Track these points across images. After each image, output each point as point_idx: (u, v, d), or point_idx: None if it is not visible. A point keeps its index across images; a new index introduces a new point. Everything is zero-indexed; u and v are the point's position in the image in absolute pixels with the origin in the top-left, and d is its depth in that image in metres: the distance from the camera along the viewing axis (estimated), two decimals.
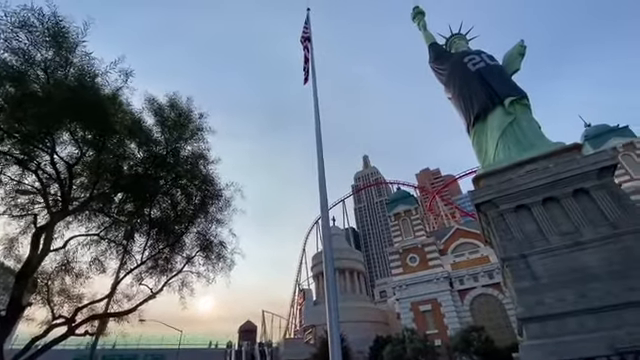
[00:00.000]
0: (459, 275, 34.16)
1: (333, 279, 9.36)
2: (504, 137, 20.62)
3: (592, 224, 15.54)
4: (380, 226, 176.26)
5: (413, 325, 32.46)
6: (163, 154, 13.09)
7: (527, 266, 15.98)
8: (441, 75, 26.24)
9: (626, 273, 13.75)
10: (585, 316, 13.43)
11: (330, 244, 9.21)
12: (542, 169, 17.84)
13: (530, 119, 20.88)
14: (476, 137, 22.33)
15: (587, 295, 13.87)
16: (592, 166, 16.59)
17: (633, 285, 13.29)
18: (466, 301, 33.03)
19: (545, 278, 15.26)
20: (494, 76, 22.18)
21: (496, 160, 20.54)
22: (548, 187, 17.03)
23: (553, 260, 15.57)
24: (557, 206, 16.78)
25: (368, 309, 46.87)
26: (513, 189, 17.80)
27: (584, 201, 16.28)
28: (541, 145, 19.42)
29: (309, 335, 45.06)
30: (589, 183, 16.32)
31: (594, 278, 14.21)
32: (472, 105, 22.33)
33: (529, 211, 17.25)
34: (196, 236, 14.33)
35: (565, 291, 14.40)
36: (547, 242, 16.06)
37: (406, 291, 35.62)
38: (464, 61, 24.07)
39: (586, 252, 15.07)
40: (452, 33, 27.74)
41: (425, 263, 36.20)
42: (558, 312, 13.93)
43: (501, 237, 17.55)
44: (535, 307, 14.60)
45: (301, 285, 76.20)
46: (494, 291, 31.99)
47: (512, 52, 23.51)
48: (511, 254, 16.57)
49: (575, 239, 15.51)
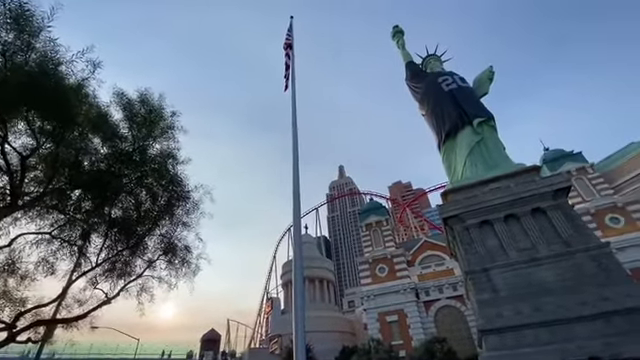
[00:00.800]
0: (425, 286, 35.02)
1: (302, 288, 9.22)
2: (472, 155, 21.70)
3: (547, 241, 16.58)
4: (352, 236, 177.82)
5: (379, 335, 32.69)
6: (129, 151, 12.40)
7: (488, 279, 16.70)
8: (416, 93, 27.27)
9: (578, 288, 14.73)
10: (540, 329, 14.16)
11: (301, 252, 9.09)
12: (504, 188, 18.88)
13: (496, 140, 22.13)
14: (446, 154, 23.30)
15: (542, 309, 14.66)
16: (548, 187, 17.80)
17: (584, 300, 14.24)
18: (431, 312, 33.85)
19: (504, 291, 16.00)
20: (465, 97, 23.38)
21: (464, 177, 21.52)
22: (509, 205, 18.03)
23: (512, 274, 16.39)
24: (517, 223, 17.77)
25: (336, 319, 46.69)
26: (478, 205, 18.67)
27: (541, 220, 17.38)
28: (504, 165, 20.62)
29: (275, 345, 44.03)
30: (545, 203, 17.47)
31: (548, 292, 15.09)
32: (444, 123, 23.35)
33: (492, 227, 18.13)
34: (160, 239, 13.55)
35: (522, 304, 15.15)
36: (507, 257, 16.92)
37: (374, 301, 35.92)
38: (438, 81, 25.20)
39: (542, 268, 16.01)
40: (428, 53, 29.01)
41: (393, 274, 36.81)
42: (515, 324, 14.58)
43: (465, 250, 18.26)
44: (494, 319, 15.21)
45: (270, 293, 74.66)
46: (457, 303, 33.07)
47: (482, 76, 24.95)
48: (474, 267, 17.25)
49: (532, 255, 16.46)
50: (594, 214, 31.03)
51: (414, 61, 29.20)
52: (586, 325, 13.56)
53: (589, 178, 34.12)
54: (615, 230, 29.58)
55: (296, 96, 13.72)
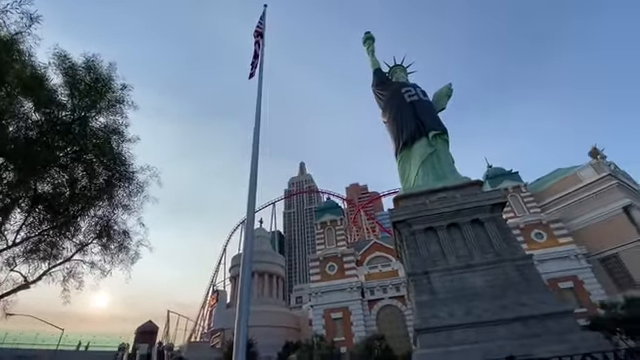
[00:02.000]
0: (371, 286, 36.45)
1: (249, 281, 9.01)
2: (424, 165, 22.99)
3: (482, 250, 18.15)
4: (306, 233, 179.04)
5: (323, 332, 33.35)
6: (68, 121, 11.11)
7: (428, 282, 17.85)
8: (380, 100, 28.17)
9: (502, 294, 16.35)
10: (469, 330, 15.47)
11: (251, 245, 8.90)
12: (450, 198, 20.29)
13: (447, 153, 23.66)
14: (402, 161, 24.40)
15: (472, 312, 16.03)
16: (487, 201, 19.49)
17: (506, 304, 15.84)
18: (374, 311, 35.33)
19: (441, 294, 17.23)
20: (424, 110, 24.66)
21: (415, 185, 22.73)
22: (453, 214, 19.42)
23: (449, 279, 17.69)
24: (458, 232, 19.21)
25: (282, 314, 46.66)
26: (425, 212, 19.85)
27: (478, 230, 18.98)
28: (452, 177, 22.15)
29: (217, 339, 42.75)
30: (484, 215, 19.11)
31: (478, 297, 16.54)
32: (402, 132, 24.42)
33: (436, 233, 19.38)
34: (95, 221, 12.32)
35: (455, 307, 16.43)
36: (446, 262, 18.23)
37: (321, 298, 36.54)
38: (402, 91, 26.26)
39: (475, 274, 17.50)
40: (395, 63, 30.07)
41: (342, 272, 37.77)
42: (448, 325, 15.77)
43: (410, 254, 19.31)
44: (430, 319, 16.31)
45: (216, 286, 72.27)
46: (398, 303, 34.93)
47: (441, 92, 26.50)
48: (416, 270, 18.32)
49: (467, 262, 17.91)
50: (523, 229, 34.69)
51: (381, 69, 30.09)
52: (506, 327, 15.11)
53: (522, 196, 38.05)
54: (538, 244, 33.37)
55: (262, 86, 13.39)
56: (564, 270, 31.18)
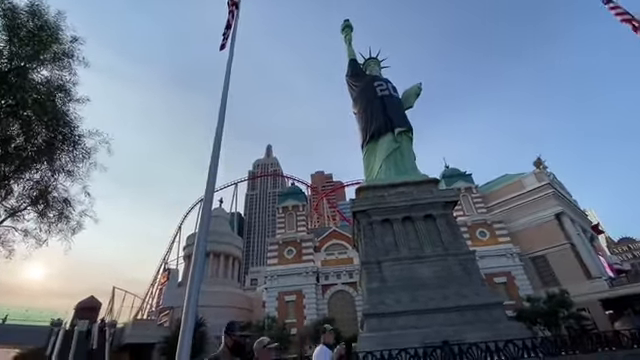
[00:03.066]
0: (326, 271, 37.48)
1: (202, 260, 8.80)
2: (388, 160, 23.72)
3: (431, 244, 19.36)
4: (268, 216, 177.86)
5: (275, 313, 33.84)
6: (3, 70, 9.78)
7: (380, 270, 18.74)
8: (353, 90, 28.30)
9: (446, 285, 17.66)
10: (411, 316, 16.59)
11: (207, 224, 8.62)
12: (408, 193, 21.23)
13: (410, 150, 24.58)
14: (367, 154, 24.94)
15: (417, 300, 17.17)
16: (441, 199, 20.70)
17: (448, 295, 17.16)
18: (326, 295, 36.49)
19: (391, 282, 18.19)
20: (393, 106, 25.23)
21: (377, 178, 23.43)
22: (408, 208, 20.40)
23: (399, 268, 18.70)
24: (412, 225, 20.24)
25: (236, 295, 46.41)
26: (384, 205, 20.63)
27: (430, 225, 20.16)
28: (412, 173, 23.14)
29: (165, 317, 41.51)
30: (436, 211, 20.29)
31: (424, 286, 17.71)
32: (370, 126, 24.86)
33: (391, 225, 20.26)
34: (31, 185, 11.10)
35: (402, 294, 17.48)
36: (398, 253, 19.21)
37: (277, 281, 36.88)
38: (374, 85, 26.58)
39: (423, 265, 18.66)
40: (370, 56, 30.22)
41: (300, 257, 38.31)
42: (394, 311, 16.78)
43: (366, 243, 20.07)
44: (378, 305, 17.22)
45: (168, 264, 69.64)
46: (350, 289, 36.39)
47: (410, 90, 27.22)
48: (370, 259, 19.13)
49: (418, 254, 19.03)
50: (470, 226, 37.47)
51: (357, 60, 30.10)
52: (445, 315, 16.44)
53: (472, 197, 40.91)
54: (481, 242, 36.33)
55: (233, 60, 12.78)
56: (500, 266, 34.37)
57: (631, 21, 18.82)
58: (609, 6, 19.83)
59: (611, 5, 19.79)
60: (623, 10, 19.22)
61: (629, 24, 18.89)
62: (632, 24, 18.66)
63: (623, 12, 19.18)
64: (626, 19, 18.95)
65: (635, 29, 18.31)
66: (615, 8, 19.49)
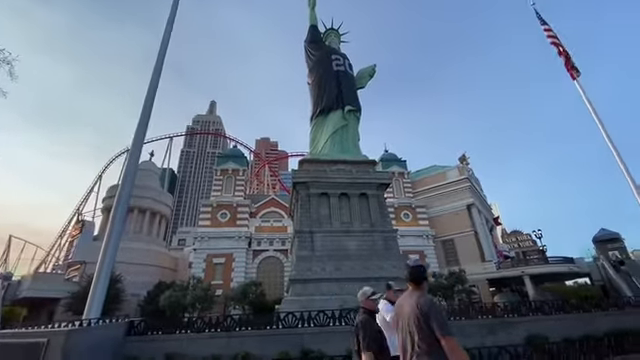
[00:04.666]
0: (259, 237, 37.91)
1: (123, 215, 8.20)
2: (334, 136, 24.22)
3: (361, 220, 20.86)
4: (203, 176, 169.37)
5: (202, 275, 33.47)
6: None
7: (311, 240, 19.70)
8: (309, 59, 27.59)
9: (369, 258, 19.40)
10: (334, 283, 18.02)
11: (133, 176, 7.99)
12: (348, 171, 22.24)
13: (356, 130, 25.39)
14: (315, 127, 25.05)
15: (341, 269, 18.62)
16: (376, 180, 22.17)
17: (369, 266, 18.94)
18: (257, 260, 37.18)
19: (320, 252, 19.32)
20: (347, 84, 25.42)
21: (322, 152, 23.90)
22: (346, 185, 21.47)
23: (330, 240, 19.90)
24: (347, 201, 21.43)
25: (159, 254, 44.28)
26: (324, 179, 21.35)
27: (363, 203, 21.59)
28: (354, 153, 24.12)
29: (74, 272, 37.92)
30: (370, 191, 21.74)
31: (349, 258, 19.23)
32: (322, 99, 24.80)
33: (328, 199, 21.17)
34: None
35: (329, 263, 18.78)
36: (331, 226, 20.34)
37: (206, 243, 36.15)
38: (331, 58, 26.26)
39: (351, 238, 20.14)
40: (332, 27, 29.53)
41: (234, 221, 37.86)
42: (319, 277, 18.01)
43: (302, 214, 20.73)
44: (305, 272, 18.26)
45: (83, 216, 62.58)
46: (281, 255, 37.63)
47: (365, 71, 27.62)
48: (304, 228, 19.90)
49: (348, 228, 20.40)
50: (397, 208, 41.05)
51: (318, 27, 29.14)
52: (364, 284, 18.25)
53: (403, 181, 44.55)
54: (404, 222, 40.25)
55: None
56: (416, 245, 38.76)
57: (558, 45, 21.54)
58: (544, 27, 22.31)
59: (546, 27, 22.28)
60: (554, 34, 21.82)
61: (556, 47, 21.58)
62: (558, 49, 21.37)
63: (554, 36, 21.80)
64: (555, 42, 21.61)
65: (559, 53, 21.05)
66: (548, 30, 22.02)
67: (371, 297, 4.06)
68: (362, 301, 4.04)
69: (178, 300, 24.47)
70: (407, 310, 2.89)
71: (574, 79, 19.22)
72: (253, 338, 7.44)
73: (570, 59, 19.69)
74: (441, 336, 2.56)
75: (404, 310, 2.95)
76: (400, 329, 2.97)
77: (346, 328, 7.48)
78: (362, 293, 4.14)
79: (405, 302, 3.03)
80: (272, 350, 6.85)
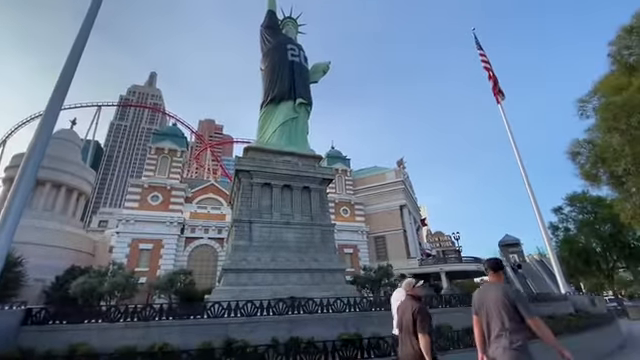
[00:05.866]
0: (194, 224, 35.90)
1: (28, 187, 7.07)
2: (283, 127, 23.95)
3: (302, 213, 21.12)
4: (135, 154, 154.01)
5: (124, 260, 30.62)
6: None
7: (249, 230, 19.35)
8: (264, 45, 26.76)
9: (305, 250, 19.75)
10: (269, 274, 18.01)
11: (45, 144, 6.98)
12: (294, 163, 22.26)
13: (305, 123, 25.45)
14: (264, 115, 24.47)
15: (276, 260, 18.65)
16: (320, 175, 22.60)
17: (304, 258, 19.29)
18: (189, 248, 35.21)
19: (257, 242, 19.08)
20: (300, 76, 25.25)
21: (269, 142, 23.48)
22: (291, 178, 21.48)
23: (268, 231, 19.77)
24: (289, 193, 21.47)
25: (73, 235, 39.21)
26: (269, 169, 21.06)
27: (305, 196, 21.86)
28: (302, 146, 24.19)
29: None
30: (313, 185, 22.10)
31: (286, 249, 19.36)
32: (274, 88, 24.29)
33: (271, 190, 20.98)
34: None
35: (265, 254, 18.66)
36: (271, 217, 20.21)
37: (133, 226, 33.08)
38: (287, 47, 25.80)
39: (290, 230, 20.27)
40: (290, 15, 29.03)
41: (166, 205, 35.23)
42: (253, 268, 17.79)
43: (242, 202, 20.21)
44: (240, 262, 17.89)
45: None
46: (216, 244, 36.24)
47: (319, 66, 27.79)
48: (243, 217, 19.44)
49: (288, 220, 20.49)
50: (337, 203, 42.47)
51: (276, 12, 28.38)
52: (298, 276, 18.57)
53: (345, 179, 46.24)
54: (343, 218, 41.86)
55: None
56: (351, 240, 40.64)
57: (489, 70, 24.21)
58: (480, 52, 24.85)
59: (481, 52, 24.84)
60: (487, 59, 24.44)
61: (487, 72, 24.23)
62: (489, 73, 24.03)
63: (487, 61, 24.43)
64: (487, 67, 24.24)
65: (489, 77, 23.70)
66: (483, 55, 24.60)
67: (416, 285, 4.74)
68: (408, 290, 4.69)
69: (93, 287, 22.12)
70: (492, 297, 3.53)
71: (499, 102, 21.73)
72: (175, 328, 7.08)
73: (497, 84, 22.28)
74: (529, 318, 3.26)
75: (488, 296, 3.59)
76: (484, 312, 3.59)
77: (273, 318, 7.57)
78: (407, 283, 4.83)
79: (489, 290, 3.68)
80: (195, 340, 6.61)
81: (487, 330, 3.53)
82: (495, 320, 3.42)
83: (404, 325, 4.21)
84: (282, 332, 7.17)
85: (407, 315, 4.17)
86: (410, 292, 4.64)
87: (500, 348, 3.29)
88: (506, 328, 3.31)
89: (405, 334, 4.17)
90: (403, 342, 4.22)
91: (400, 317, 4.40)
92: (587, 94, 15.59)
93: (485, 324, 3.56)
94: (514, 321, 3.30)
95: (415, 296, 4.53)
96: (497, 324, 3.39)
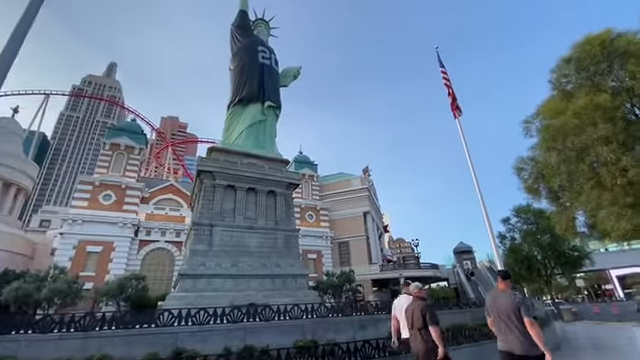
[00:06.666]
0: (150, 226, 33.79)
1: None
2: (251, 129, 23.56)
3: (266, 217, 20.79)
4: (86, 148, 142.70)
5: (68, 264, 28.03)
6: None
7: (210, 234, 18.64)
8: (235, 44, 26.31)
9: (268, 255, 19.41)
10: (229, 280, 17.43)
11: None
12: (260, 166, 21.94)
13: (274, 126, 25.25)
14: (231, 116, 23.93)
15: (237, 265, 18.12)
16: (287, 179, 22.48)
17: (266, 264, 18.94)
18: (143, 251, 33.05)
19: (217, 247, 18.43)
20: (270, 78, 25.10)
21: (235, 143, 22.94)
22: (256, 181, 21.12)
23: (230, 235, 19.19)
24: (254, 196, 21.07)
25: (7, 235, 35.18)
26: (234, 171, 20.53)
27: (270, 200, 21.59)
28: (269, 149, 23.94)
29: None
30: (279, 189, 21.91)
31: (248, 254, 18.89)
32: (243, 88, 23.88)
33: (235, 193, 20.44)
34: None
35: (226, 259, 18.06)
36: (234, 220, 19.65)
37: (80, 227, 30.43)
38: (258, 49, 25.56)
39: (253, 235, 19.84)
40: (262, 17, 28.86)
41: (120, 205, 32.87)
42: (212, 273, 17.14)
43: (203, 205, 19.46)
44: (198, 267, 17.14)
45: None
46: (173, 248, 34.40)
47: (290, 71, 27.81)
48: (203, 220, 18.71)
49: (251, 224, 20.06)
50: (303, 208, 42.44)
51: (248, 13, 28.07)
52: (260, 281, 18.17)
53: (312, 184, 46.42)
54: (308, 223, 41.87)
55: None
56: (316, 245, 40.74)
57: (449, 87, 25.72)
58: (441, 70, 26.35)
59: (442, 70, 26.35)
60: (448, 77, 25.97)
61: (447, 89, 25.74)
62: (449, 90, 25.53)
63: (447, 78, 25.95)
64: (447, 84, 25.75)
65: (449, 94, 25.18)
66: (444, 73, 26.09)
67: (423, 289, 5.59)
68: (416, 292, 5.45)
69: (29, 293, 20.01)
70: (504, 302, 4.42)
71: (456, 118, 23.10)
72: (118, 338, 6.54)
73: (456, 100, 23.73)
74: (525, 318, 4.16)
75: (500, 302, 4.48)
76: (497, 315, 4.48)
77: (227, 326, 7.30)
78: (415, 286, 5.60)
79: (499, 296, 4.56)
80: (140, 351, 6.17)
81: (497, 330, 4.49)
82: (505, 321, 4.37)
83: (414, 322, 4.92)
84: (236, 341, 6.96)
85: (417, 313, 4.91)
86: (417, 294, 5.43)
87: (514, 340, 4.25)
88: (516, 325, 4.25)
89: (416, 330, 4.87)
90: (414, 337, 4.93)
91: (410, 316, 5.09)
92: (531, 115, 17.20)
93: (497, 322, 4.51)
94: (521, 321, 4.23)
95: (422, 297, 5.35)
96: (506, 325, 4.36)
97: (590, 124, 13.29)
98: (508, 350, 4.28)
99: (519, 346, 4.14)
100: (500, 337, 4.43)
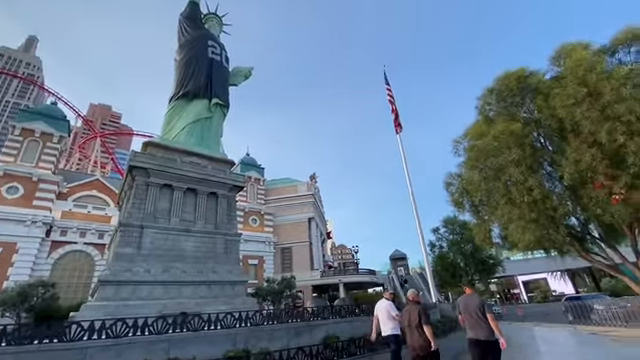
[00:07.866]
0: (66, 226, 29.45)
1: None
2: (194, 125, 22.24)
3: (205, 220, 19.66)
4: None
5: None
6: None
7: (139, 236, 16.95)
8: (182, 35, 24.85)
9: (204, 261, 18.26)
10: (159, 287, 15.97)
11: None
12: (202, 166, 20.77)
13: (220, 125, 24.22)
14: (173, 110, 22.38)
15: (170, 271, 16.74)
16: (231, 181, 21.62)
17: (202, 270, 17.82)
18: (55, 254, 28.60)
19: (147, 250, 16.82)
20: (219, 75, 24.14)
21: (175, 139, 21.42)
22: (197, 181, 19.89)
23: (163, 238, 17.68)
24: (193, 198, 19.81)
25: None
26: (172, 169, 19.08)
27: (212, 202, 20.50)
28: (213, 148, 22.84)
29: None
30: (222, 191, 20.95)
31: (183, 259, 17.57)
32: (189, 82, 22.54)
33: (171, 192, 18.98)
34: None
35: (156, 265, 16.55)
36: (168, 222, 18.17)
37: None
38: (208, 43, 24.47)
39: (189, 239, 18.54)
40: (215, 11, 27.83)
41: (28, 200, 27.85)
42: (139, 280, 15.55)
43: (134, 204, 17.70)
44: (122, 273, 15.43)
45: None
46: (94, 250, 30.44)
47: (241, 70, 27.11)
48: (132, 221, 16.99)
49: (189, 227, 18.76)
50: (246, 212, 41.22)
51: (199, 5, 26.78)
52: (194, 288, 17.00)
53: (258, 187, 45.44)
54: (251, 227, 40.73)
55: None
56: (257, 251, 39.78)
57: (392, 103, 27.44)
58: (387, 87, 28.03)
59: (388, 87, 28.05)
60: (392, 95, 27.66)
61: (390, 105, 27.42)
62: (392, 107, 27.23)
63: (392, 96, 27.64)
64: (390, 101, 27.44)
65: (392, 111, 26.86)
66: (389, 90, 27.78)
67: (419, 294, 6.49)
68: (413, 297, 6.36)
69: None
70: (472, 303, 5.59)
71: (397, 133, 24.71)
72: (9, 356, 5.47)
73: (398, 117, 25.43)
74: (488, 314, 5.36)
75: (470, 304, 5.63)
76: (468, 315, 5.57)
77: (148, 338, 6.58)
78: (412, 291, 6.49)
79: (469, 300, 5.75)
80: None
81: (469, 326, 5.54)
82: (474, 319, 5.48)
83: (411, 322, 5.81)
84: (159, 354, 6.34)
85: (414, 314, 5.83)
86: (414, 298, 6.33)
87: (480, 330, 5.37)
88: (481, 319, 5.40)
89: (413, 328, 5.78)
90: (411, 334, 5.82)
91: (407, 317, 5.97)
92: (460, 136, 19.23)
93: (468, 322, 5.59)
94: (484, 318, 5.38)
95: (417, 301, 6.25)
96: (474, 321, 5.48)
97: (506, 147, 15.31)
98: (475, 337, 5.40)
99: (483, 333, 5.30)
100: (469, 329, 5.55)
